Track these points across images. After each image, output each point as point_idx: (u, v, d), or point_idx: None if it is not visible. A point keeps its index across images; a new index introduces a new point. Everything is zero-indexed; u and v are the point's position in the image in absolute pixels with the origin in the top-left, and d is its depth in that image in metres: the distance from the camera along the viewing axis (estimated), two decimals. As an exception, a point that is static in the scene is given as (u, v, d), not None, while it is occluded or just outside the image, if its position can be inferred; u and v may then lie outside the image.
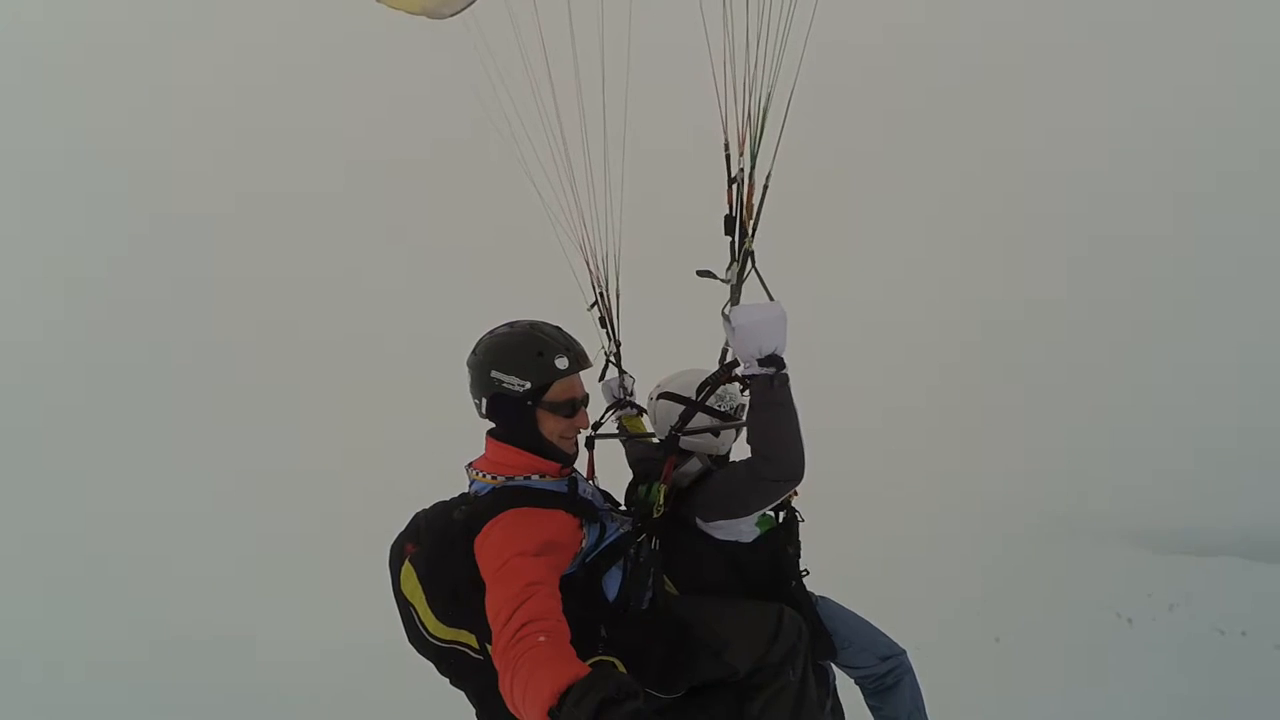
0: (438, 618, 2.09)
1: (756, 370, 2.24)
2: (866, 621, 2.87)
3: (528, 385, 2.13)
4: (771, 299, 2.34)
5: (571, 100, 3.02)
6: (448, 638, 2.10)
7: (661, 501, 2.39)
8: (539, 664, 1.56)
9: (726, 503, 2.43)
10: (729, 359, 2.54)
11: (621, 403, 3.45)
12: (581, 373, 2.33)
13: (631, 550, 2.29)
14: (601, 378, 3.54)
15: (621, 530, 2.31)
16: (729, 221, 2.44)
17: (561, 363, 2.15)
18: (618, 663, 2.04)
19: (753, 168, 2.41)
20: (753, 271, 2.38)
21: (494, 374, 2.15)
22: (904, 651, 2.82)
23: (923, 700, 2.81)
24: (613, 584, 2.24)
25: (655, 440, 2.92)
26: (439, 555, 2.11)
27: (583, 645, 1.77)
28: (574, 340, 2.29)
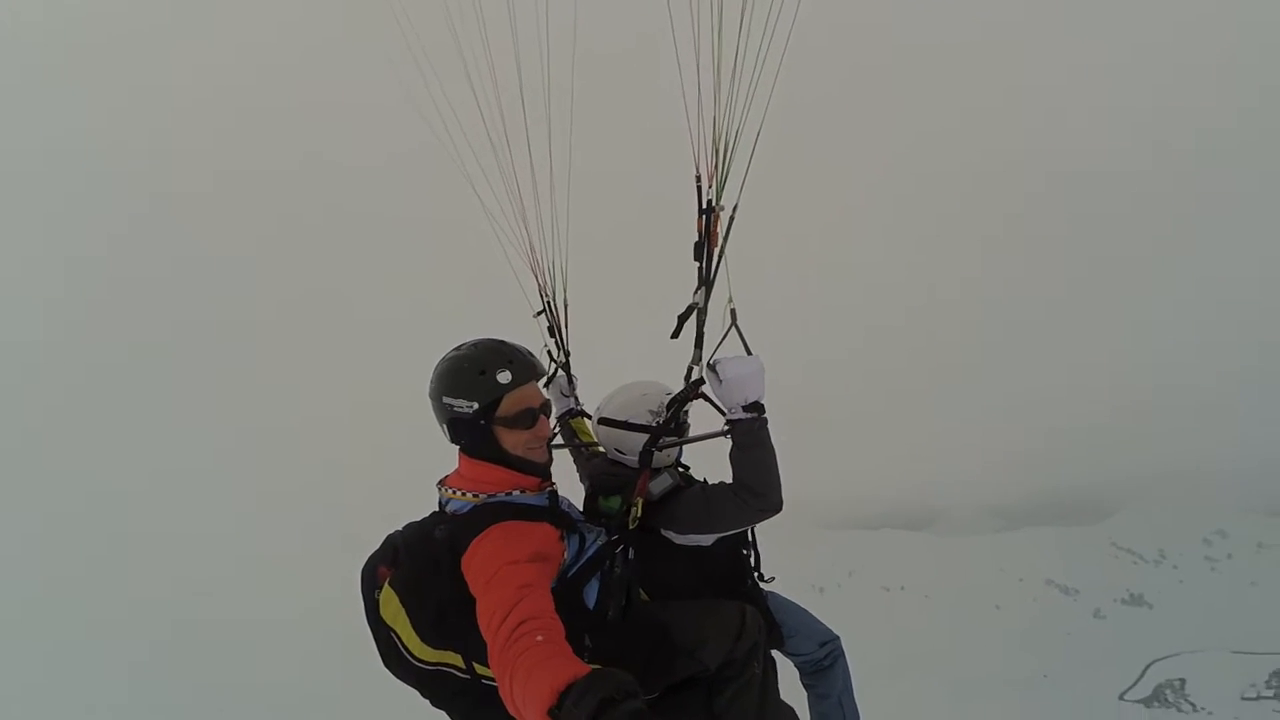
0: (423, 640, 2.14)
1: (741, 416, 2.57)
2: (806, 611, 3.25)
3: (475, 406, 2.19)
4: (750, 353, 2.67)
5: (516, 108, 3.14)
6: (433, 660, 2.16)
7: (638, 515, 2.59)
8: (537, 663, 1.59)
9: (707, 522, 2.74)
10: (694, 378, 2.80)
11: (572, 411, 3.72)
12: (538, 381, 2.42)
13: (608, 563, 2.40)
14: (547, 384, 3.68)
15: (598, 542, 2.43)
16: (698, 248, 2.70)
17: (504, 377, 2.19)
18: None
19: (718, 199, 2.68)
20: (733, 327, 2.69)
21: (445, 400, 2.24)
22: (838, 637, 3.20)
23: (851, 680, 3.14)
24: (592, 594, 2.35)
25: (602, 450, 3.18)
26: (423, 576, 2.13)
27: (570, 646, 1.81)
28: (520, 352, 2.31)
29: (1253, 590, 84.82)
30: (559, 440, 3.55)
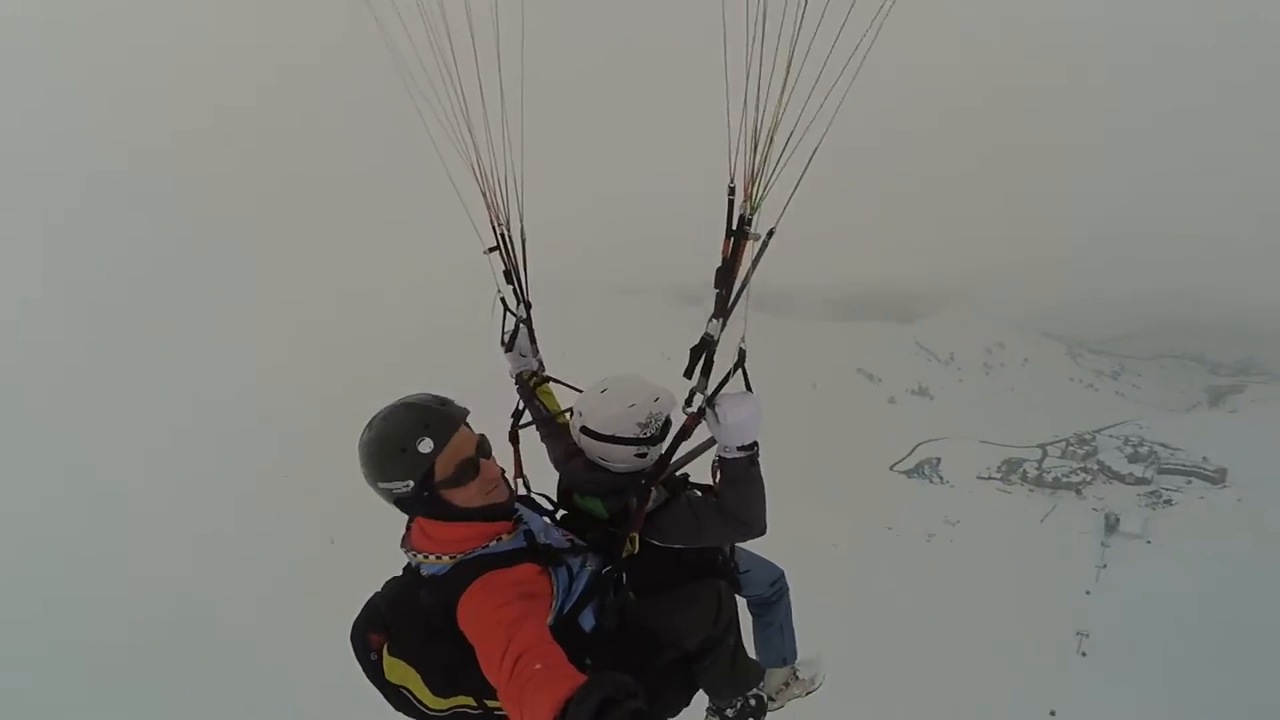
0: (435, 694, 2.18)
1: (736, 455, 2.47)
2: (758, 556, 3.33)
3: (411, 483, 2.06)
4: (749, 389, 2.43)
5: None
6: (446, 707, 2.19)
7: (636, 550, 2.56)
8: (539, 687, 1.62)
9: (694, 538, 2.71)
10: (694, 408, 2.51)
11: (537, 376, 3.24)
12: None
13: (604, 590, 2.42)
14: (509, 348, 3.22)
15: (587, 568, 2.40)
16: (720, 274, 2.32)
17: (426, 446, 2.03)
18: None
19: (753, 217, 2.21)
20: (738, 367, 2.39)
21: (380, 486, 2.09)
22: (783, 573, 3.35)
23: (791, 608, 3.37)
24: (587, 620, 2.38)
25: (570, 422, 2.89)
26: (426, 641, 2.14)
27: None
28: (432, 409, 2.11)
29: (1009, 394, 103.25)
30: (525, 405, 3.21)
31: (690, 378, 2.50)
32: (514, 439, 3.01)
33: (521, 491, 2.81)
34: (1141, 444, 76.85)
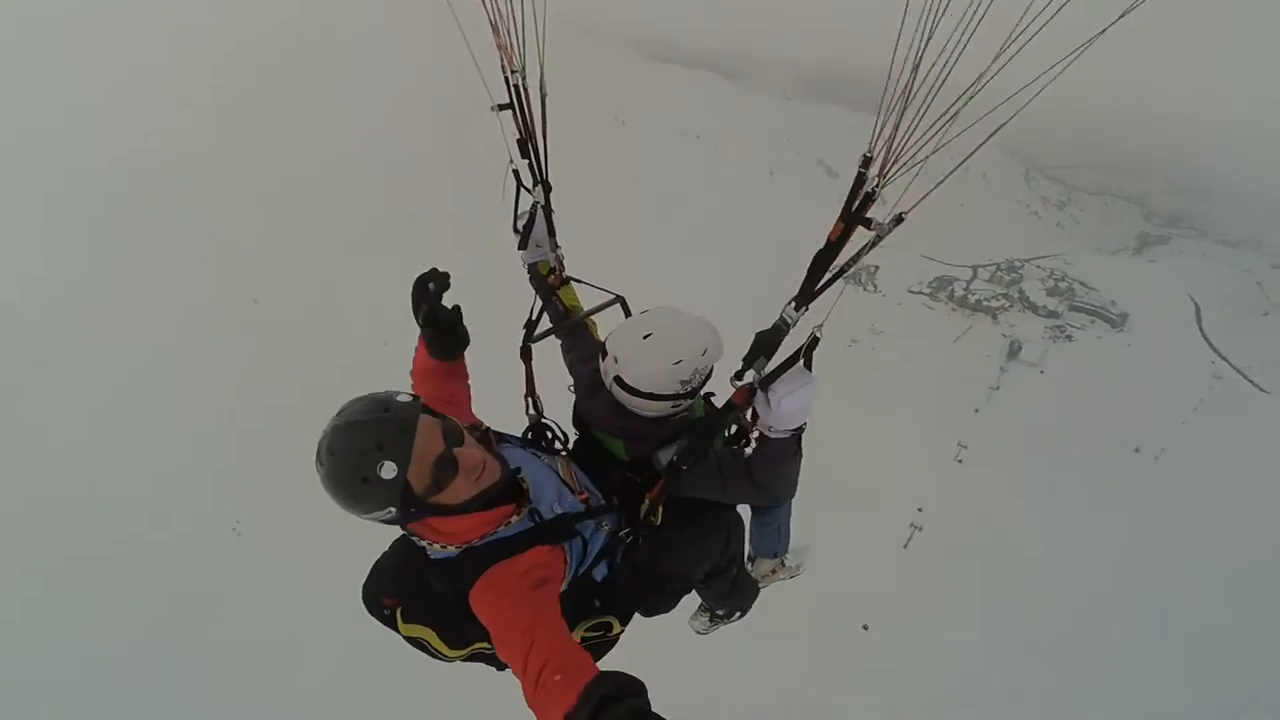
0: (452, 647, 2.27)
1: (781, 435, 2.40)
2: None
3: (392, 509, 1.88)
4: (809, 368, 2.24)
5: None
6: (464, 654, 2.31)
7: (658, 520, 2.51)
8: (556, 700, 1.66)
9: (719, 496, 2.64)
10: (744, 381, 2.30)
11: (562, 277, 2.89)
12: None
13: (617, 550, 2.44)
14: (523, 239, 2.78)
15: (601, 532, 2.37)
16: (819, 258, 2.04)
17: (389, 470, 1.80)
18: (615, 620, 2.46)
19: (875, 191, 1.87)
20: (807, 354, 2.21)
21: (365, 518, 1.93)
22: None
23: (791, 512, 3.38)
24: (600, 571, 2.45)
25: (590, 331, 2.84)
26: (445, 616, 2.18)
27: (581, 611, 2.12)
28: (377, 421, 1.83)
29: (958, 210, 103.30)
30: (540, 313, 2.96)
31: (751, 363, 2.30)
32: (526, 355, 2.82)
33: (533, 416, 2.76)
34: (1063, 279, 79.99)
